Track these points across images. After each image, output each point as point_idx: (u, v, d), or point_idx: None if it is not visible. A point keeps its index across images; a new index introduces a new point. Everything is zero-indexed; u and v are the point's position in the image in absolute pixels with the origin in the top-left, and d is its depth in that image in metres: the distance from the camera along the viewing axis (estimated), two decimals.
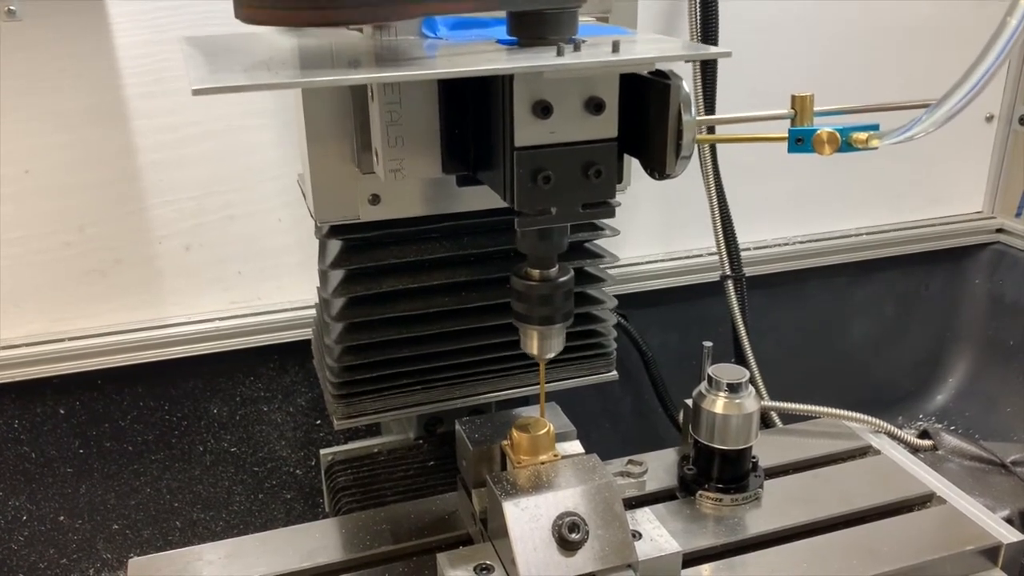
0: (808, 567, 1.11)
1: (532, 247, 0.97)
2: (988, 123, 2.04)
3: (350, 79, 0.76)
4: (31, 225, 1.51)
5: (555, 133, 0.88)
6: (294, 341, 1.66)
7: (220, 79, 0.74)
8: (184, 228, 1.58)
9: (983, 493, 1.37)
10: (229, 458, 1.74)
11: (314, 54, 0.92)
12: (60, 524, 1.68)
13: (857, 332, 2.11)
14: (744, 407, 1.19)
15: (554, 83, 0.86)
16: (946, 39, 1.89)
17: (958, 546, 1.14)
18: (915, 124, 0.84)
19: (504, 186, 0.90)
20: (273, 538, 1.17)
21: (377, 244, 1.18)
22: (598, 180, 0.90)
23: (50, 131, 1.47)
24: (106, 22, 1.44)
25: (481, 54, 0.86)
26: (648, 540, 1.04)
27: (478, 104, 0.94)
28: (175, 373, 1.65)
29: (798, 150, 0.88)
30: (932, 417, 2.14)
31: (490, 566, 1.00)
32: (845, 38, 1.85)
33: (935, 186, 2.07)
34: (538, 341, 1.02)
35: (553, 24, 0.85)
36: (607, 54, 0.83)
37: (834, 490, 1.26)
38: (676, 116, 0.87)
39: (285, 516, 1.80)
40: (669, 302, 1.89)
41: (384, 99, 0.94)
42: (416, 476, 1.35)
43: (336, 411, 1.24)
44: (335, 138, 1.07)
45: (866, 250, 2.01)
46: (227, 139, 1.55)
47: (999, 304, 2.09)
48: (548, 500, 0.98)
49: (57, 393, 1.60)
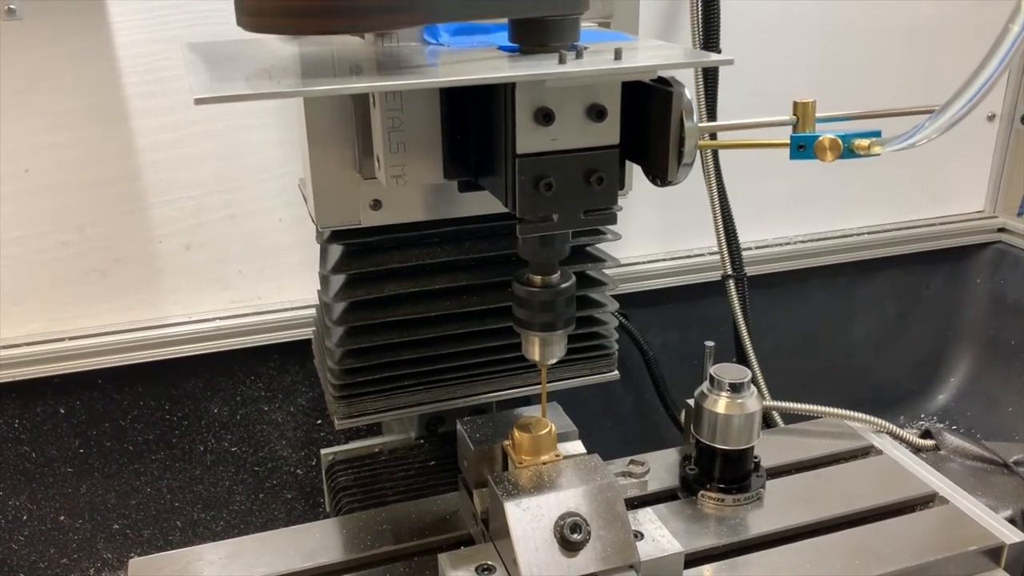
0: (810, 567, 1.11)
1: (534, 253, 0.97)
2: (990, 122, 2.03)
3: (351, 88, 0.76)
4: (31, 224, 1.51)
5: (557, 140, 0.88)
6: (295, 341, 1.66)
7: (222, 88, 0.74)
8: (184, 227, 1.58)
9: (985, 493, 1.36)
10: (230, 458, 1.74)
11: (315, 61, 0.92)
12: (60, 524, 1.68)
13: (858, 332, 2.11)
14: (746, 407, 1.19)
15: (556, 90, 0.86)
16: (947, 39, 1.88)
17: (960, 546, 1.14)
18: (917, 131, 0.84)
19: (506, 193, 0.90)
20: (274, 538, 1.17)
21: (378, 249, 1.18)
22: (600, 187, 0.90)
23: (50, 130, 1.46)
24: (106, 21, 1.44)
25: (483, 61, 0.86)
26: (650, 540, 1.04)
27: (480, 111, 0.94)
28: (175, 373, 1.65)
29: (800, 157, 0.89)
30: (933, 417, 2.14)
31: (492, 566, 1.00)
32: (846, 38, 1.84)
33: (936, 185, 2.07)
34: (540, 347, 1.02)
35: (555, 31, 0.85)
36: (609, 62, 0.83)
37: (836, 490, 1.25)
38: (678, 123, 0.87)
39: (286, 516, 1.80)
40: (670, 302, 1.89)
41: (386, 106, 0.94)
42: (417, 476, 1.35)
43: (337, 411, 1.24)
44: (336, 143, 1.07)
45: (867, 249, 2.01)
46: (227, 138, 1.54)
47: (1000, 304, 2.09)
48: (550, 500, 0.98)
49: (57, 393, 1.60)
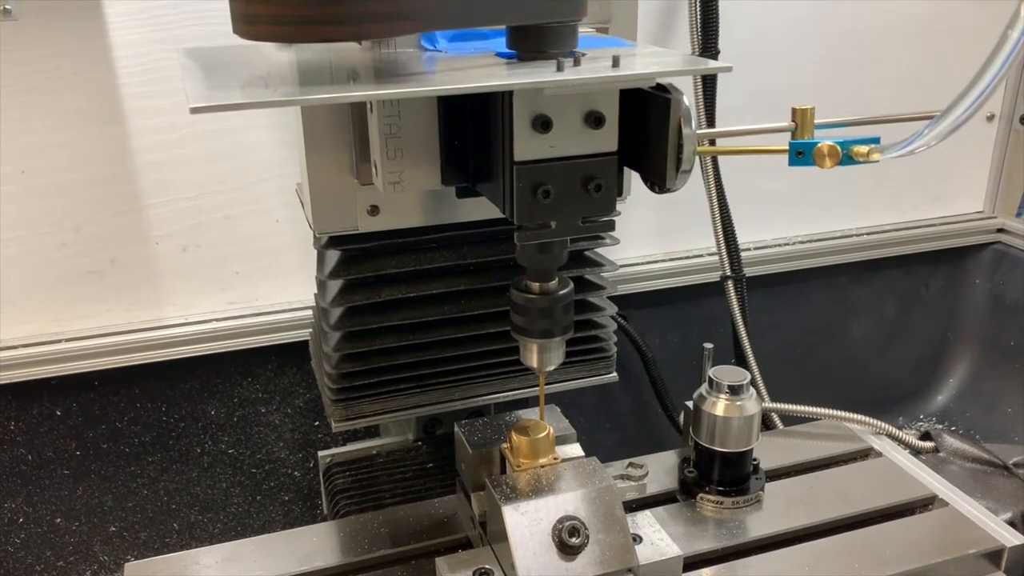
0: (810, 570, 1.11)
1: (532, 260, 0.96)
2: (989, 122, 2.02)
3: (348, 96, 0.75)
4: (27, 225, 1.50)
5: (555, 147, 0.87)
6: (292, 342, 1.65)
7: (218, 96, 0.74)
8: (181, 228, 1.57)
9: (985, 495, 1.36)
10: (227, 460, 1.74)
11: (312, 68, 0.92)
12: (57, 526, 1.67)
13: (857, 332, 2.10)
14: (745, 409, 1.18)
15: (554, 98, 0.85)
16: (946, 37, 1.87)
17: (960, 549, 1.14)
18: (916, 138, 0.84)
19: (504, 199, 0.90)
20: (270, 541, 1.17)
21: (376, 254, 1.18)
22: (598, 194, 0.90)
23: (46, 131, 1.46)
24: (102, 21, 1.43)
25: (481, 68, 0.86)
26: (649, 544, 1.04)
27: (477, 118, 0.94)
28: (172, 374, 1.64)
29: (799, 163, 0.89)
30: (933, 417, 2.14)
31: (489, 570, 0.99)
32: (845, 37, 1.84)
33: (936, 186, 2.06)
34: (538, 354, 1.01)
35: (553, 38, 0.84)
36: (607, 69, 0.83)
37: (835, 493, 1.25)
38: (676, 130, 0.87)
39: (283, 518, 1.80)
40: (669, 302, 1.88)
41: (383, 112, 0.93)
42: (415, 478, 1.35)
43: (334, 413, 1.24)
44: (334, 149, 1.07)
45: (867, 250, 2.01)
46: (224, 139, 1.54)
47: (1000, 304, 2.09)
48: (548, 504, 0.98)
49: (54, 394, 1.60)
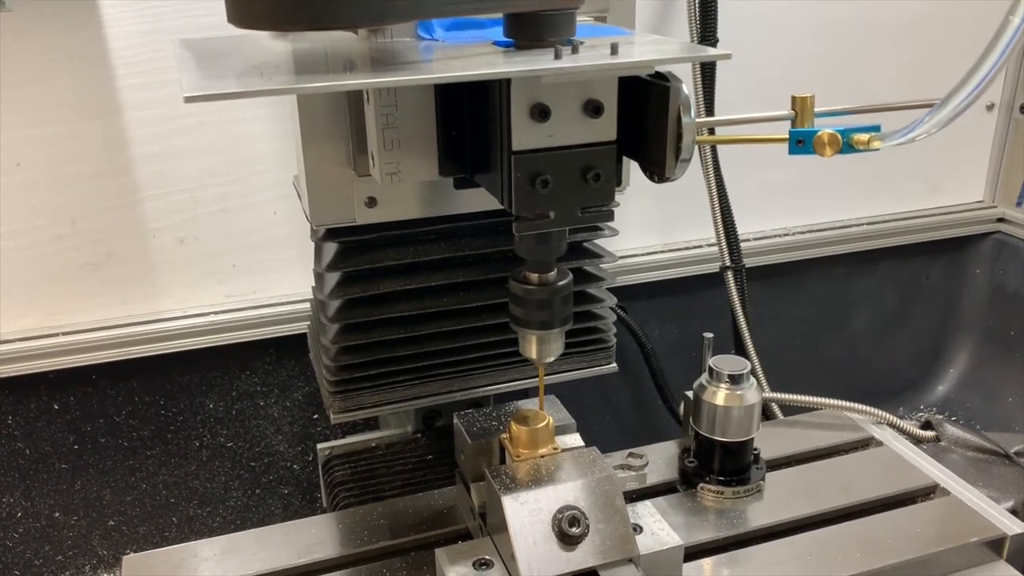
0: (811, 560, 1.11)
1: (530, 251, 0.96)
2: (989, 112, 2.02)
3: (344, 85, 0.75)
4: (23, 219, 1.49)
5: (553, 136, 0.87)
6: (290, 335, 1.64)
7: (212, 86, 0.74)
8: (178, 221, 1.57)
9: (987, 484, 1.36)
10: (225, 453, 1.73)
11: (308, 57, 0.91)
12: (55, 521, 1.67)
13: (858, 322, 2.10)
14: (745, 399, 1.18)
15: (552, 86, 0.85)
16: (946, 29, 1.87)
17: (962, 538, 1.14)
18: (917, 126, 0.83)
19: (502, 190, 0.89)
20: (269, 534, 1.16)
21: (374, 246, 1.17)
22: (597, 184, 0.89)
23: (41, 123, 1.45)
24: (97, 13, 1.43)
25: (478, 57, 0.85)
26: (649, 534, 1.03)
27: (475, 107, 0.93)
28: (170, 367, 1.64)
29: (799, 152, 0.88)
30: (933, 407, 2.14)
31: (489, 561, 0.99)
32: (843, 29, 1.83)
33: (936, 176, 2.06)
34: (537, 346, 1.01)
35: (551, 26, 0.84)
36: (605, 57, 0.82)
37: (836, 482, 1.25)
38: (675, 119, 0.86)
39: (282, 511, 1.80)
40: (669, 293, 1.88)
41: (380, 102, 0.93)
42: (414, 470, 1.34)
43: (333, 405, 1.23)
44: (331, 141, 1.06)
45: (866, 240, 2.00)
46: (221, 131, 1.53)
47: (1000, 294, 2.09)
48: (548, 494, 0.98)
49: (51, 388, 1.59)
